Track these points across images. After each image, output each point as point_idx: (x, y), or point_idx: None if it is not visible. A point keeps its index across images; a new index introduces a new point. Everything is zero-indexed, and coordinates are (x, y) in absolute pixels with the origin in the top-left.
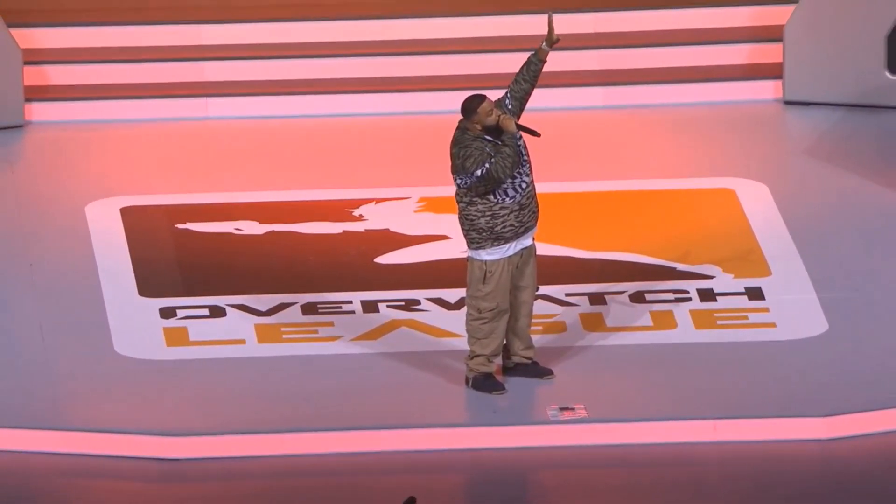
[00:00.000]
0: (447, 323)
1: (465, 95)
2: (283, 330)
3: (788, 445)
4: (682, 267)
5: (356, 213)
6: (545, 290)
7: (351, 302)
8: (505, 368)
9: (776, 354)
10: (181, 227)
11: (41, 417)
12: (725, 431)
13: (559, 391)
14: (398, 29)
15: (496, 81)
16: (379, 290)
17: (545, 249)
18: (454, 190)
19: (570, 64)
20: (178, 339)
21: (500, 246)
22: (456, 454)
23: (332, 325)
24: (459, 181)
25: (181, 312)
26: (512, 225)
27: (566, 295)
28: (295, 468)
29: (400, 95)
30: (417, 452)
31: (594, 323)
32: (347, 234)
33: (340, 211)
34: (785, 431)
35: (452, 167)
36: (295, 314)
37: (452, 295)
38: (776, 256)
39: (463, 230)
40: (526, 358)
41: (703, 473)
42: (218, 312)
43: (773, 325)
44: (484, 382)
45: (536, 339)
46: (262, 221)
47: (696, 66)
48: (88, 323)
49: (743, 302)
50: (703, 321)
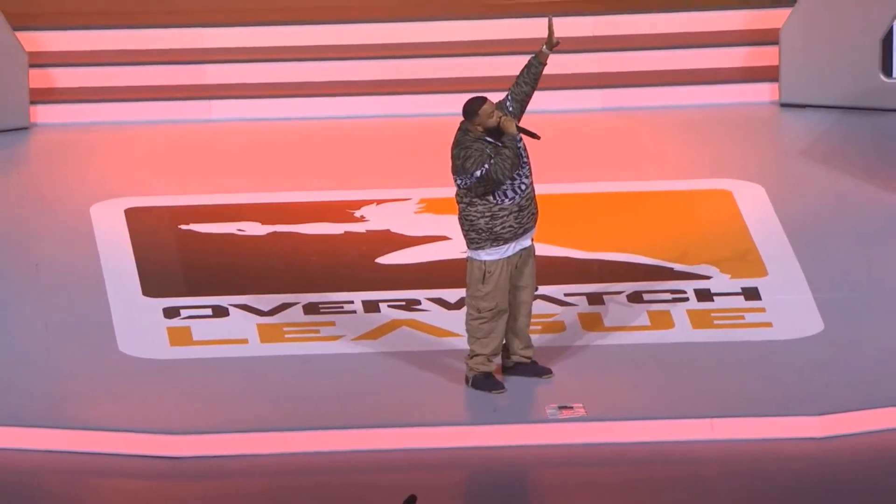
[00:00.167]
0: (447, 323)
1: (465, 98)
2: (285, 329)
3: (784, 444)
4: (679, 267)
5: (357, 213)
6: (544, 290)
7: (352, 302)
8: (504, 368)
9: (772, 354)
10: (184, 227)
11: (46, 416)
12: (722, 430)
13: (558, 390)
14: (400, 32)
15: (497, 84)
16: (380, 290)
17: (544, 250)
18: (454, 191)
19: (568, 67)
20: (181, 338)
21: (499, 246)
22: (456, 452)
23: (333, 324)
24: (460, 182)
25: (184, 312)
26: (511, 226)
27: (565, 295)
28: (297, 466)
29: (401, 98)
30: (418, 450)
31: (593, 323)
32: (349, 234)
33: (342, 212)
34: (781, 430)
35: (453, 168)
36: (297, 314)
37: (452, 295)
38: (772, 257)
39: (463, 230)
40: (525, 357)
41: (700, 471)
42: (221, 312)
43: (769, 324)
44: (484, 381)
45: (535, 338)
46: (264, 222)
47: (693, 68)
48: (93, 322)
49: (739, 302)
50: (700, 321)
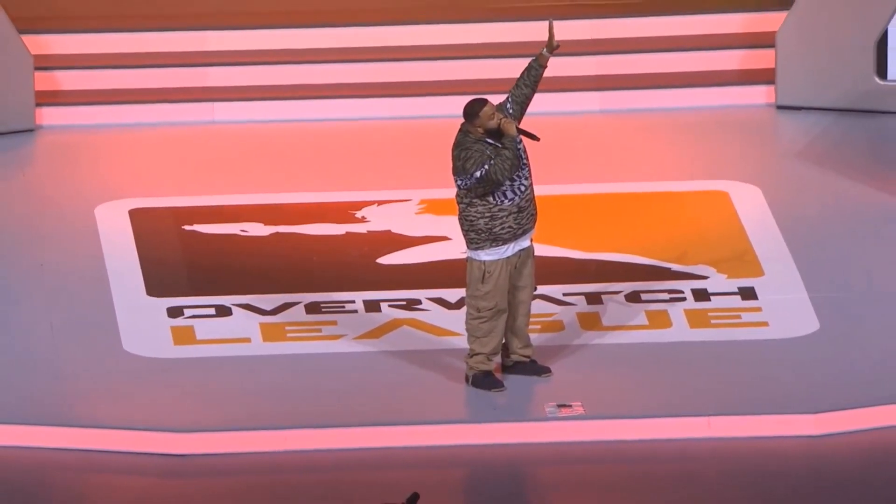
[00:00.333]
0: (447, 322)
1: (466, 100)
2: (287, 329)
3: (780, 441)
4: (676, 267)
5: (359, 214)
6: (543, 289)
7: (353, 301)
8: (504, 366)
9: (768, 353)
10: (188, 228)
11: (51, 414)
12: (719, 427)
13: (557, 389)
14: (401, 35)
15: (497, 86)
16: (381, 289)
17: (543, 250)
18: (454, 192)
19: (567, 69)
20: (185, 337)
21: (498, 247)
22: (456, 450)
23: (335, 324)
24: (460, 182)
25: (188, 312)
26: (510, 227)
27: (564, 295)
28: (299, 463)
29: (402, 100)
30: (419, 448)
31: (591, 322)
32: (350, 235)
33: (343, 213)
34: (776, 427)
35: (453, 168)
36: (299, 313)
37: (452, 295)
38: (768, 257)
39: (462, 231)
40: (524, 356)
41: (697, 468)
42: (224, 312)
43: (765, 324)
44: (483, 380)
45: (535, 337)
46: (266, 223)
47: (690, 71)
48: (97, 322)
49: (736, 301)
50: (697, 320)
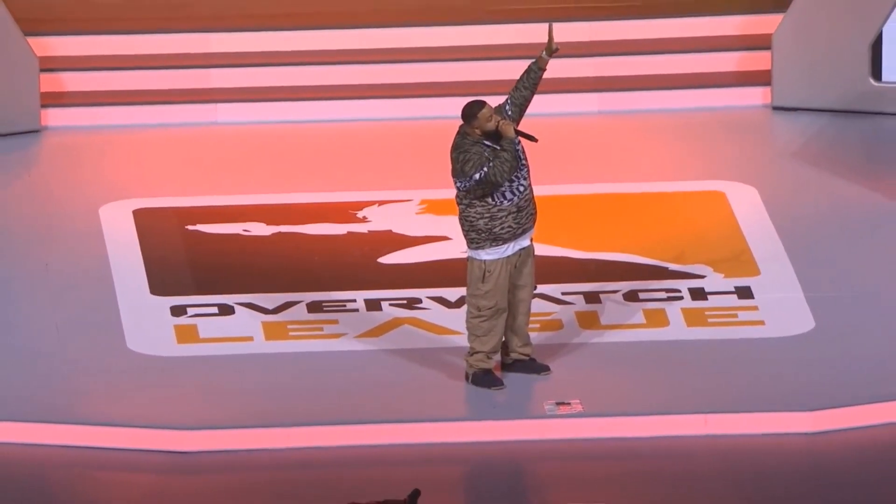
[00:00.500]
0: (448, 321)
1: (465, 101)
2: (289, 327)
3: (776, 438)
4: (674, 267)
5: (360, 214)
6: (542, 289)
7: (355, 300)
8: (503, 365)
9: (765, 351)
10: (191, 228)
11: (56, 412)
12: (716, 425)
13: (556, 387)
14: (402, 37)
15: (497, 88)
16: (382, 289)
17: (542, 250)
18: (454, 192)
19: (566, 71)
20: (188, 336)
21: (498, 246)
22: (456, 447)
23: (336, 322)
24: (459, 184)
25: (191, 310)
26: (510, 226)
27: (563, 294)
28: (301, 461)
29: (403, 101)
30: (419, 445)
31: (589, 321)
32: (351, 235)
33: (345, 213)
34: (773, 425)
35: (452, 171)
36: (301, 312)
37: (453, 294)
38: (765, 257)
39: (463, 231)
40: (524, 354)
41: (694, 465)
42: (227, 311)
43: (761, 322)
44: (483, 378)
45: (534, 336)
46: (269, 223)
47: (687, 73)
48: (102, 321)
49: (733, 301)
50: (694, 319)
